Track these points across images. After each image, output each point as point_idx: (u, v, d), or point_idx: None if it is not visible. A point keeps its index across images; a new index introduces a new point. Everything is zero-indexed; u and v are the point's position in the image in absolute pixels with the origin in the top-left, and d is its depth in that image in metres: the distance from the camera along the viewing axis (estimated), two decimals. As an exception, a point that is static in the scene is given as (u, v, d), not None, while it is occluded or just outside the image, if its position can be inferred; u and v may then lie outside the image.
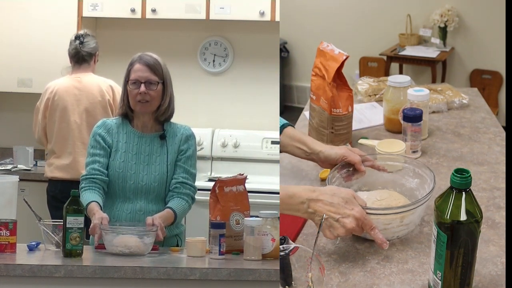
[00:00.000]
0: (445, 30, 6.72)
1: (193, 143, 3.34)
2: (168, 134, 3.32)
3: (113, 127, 3.33)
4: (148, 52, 3.34)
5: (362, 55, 7.15)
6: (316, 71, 3.29)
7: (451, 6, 6.69)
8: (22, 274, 2.73)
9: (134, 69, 3.27)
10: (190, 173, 3.31)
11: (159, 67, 3.27)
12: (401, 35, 6.96)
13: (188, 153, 3.32)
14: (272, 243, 2.95)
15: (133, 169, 3.28)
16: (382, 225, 2.46)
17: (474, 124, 3.63)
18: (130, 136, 3.32)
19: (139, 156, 3.29)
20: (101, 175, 3.27)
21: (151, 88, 3.25)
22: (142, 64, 3.27)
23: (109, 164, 3.30)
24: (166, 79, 3.28)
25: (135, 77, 3.25)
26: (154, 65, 3.27)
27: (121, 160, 3.29)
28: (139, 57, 3.30)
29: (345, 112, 3.24)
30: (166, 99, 3.29)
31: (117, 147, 3.30)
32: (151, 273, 2.75)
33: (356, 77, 6.37)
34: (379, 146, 3.13)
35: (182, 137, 3.32)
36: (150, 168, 3.28)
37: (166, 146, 3.31)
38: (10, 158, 5.56)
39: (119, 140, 3.31)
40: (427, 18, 6.83)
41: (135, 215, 3.25)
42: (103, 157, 3.30)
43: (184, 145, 3.32)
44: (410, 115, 3.23)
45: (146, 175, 3.27)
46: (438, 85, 4.13)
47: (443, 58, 6.70)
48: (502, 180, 2.95)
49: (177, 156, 3.31)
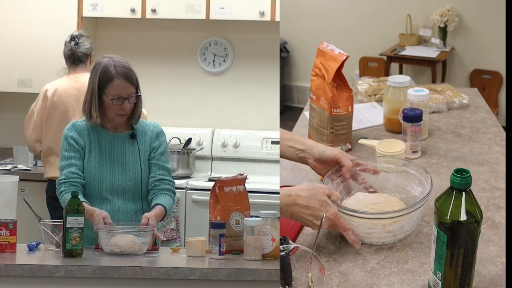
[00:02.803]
0: (445, 30, 6.72)
1: (164, 139, 3.39)
2: (138, 133, 3.34)
3: (83, 129, 3.32)
4: (116, 57, 3.29)
5: (362, 55, 7.14)
6: (316, 71, 3.29)
7: (451, 6, 6.68)
8: (22, 274, 2.73)
9: (115, 85, 3.22)
10: (166, 168, 3.34)
11: (134, 76, 3.27)
12: (401, 35, 6.96)
13: (161, 149, 3.35)
14: (272, 243, 2.95)
15: (108, 170, 3.28)
16: (364, 229, 2.47)
17: (474, 124, 3.63)
18: (102, 136, 3.31)
19: (112, 156, 3.30)
20: (79, 178, 3.27)
21: (131, 101, 3.25)
22: (123, 79, 3.23)
23: (85, 166, 3.29)
24: (139, 87, 3.30)
25: (118, 94, 3.22)
26: (131, 76, 3.25)
27: (96, 161, 3.29)
28: (115, 70, 3.23)
29: (345, 112, 3.25)
30: (139, 105, 3.30)
31: (90, 148, 3.29)
32: (151, 273, 2.75)
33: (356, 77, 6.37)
34: (379, 146, 3.13)
35: (153, 135, 3.35)
36: (124, 167, 3.29)
37: (137, 144, 3.33)
38: (10, 158, 5.57)
39: (91, 141, 3.30)
40: (427, 18, 6.83)
41: (114, 215, 3.23)
42: (78, 159, 3.29)
43: (155, 142, 3.35)
44: (410, 115, 3.23)
45: (121, 175, 3.28)
46: (438, 85, 4.14)
47: (443, 58, 6.70)
48: (502, 180, 2.95)
49: (150, 154, 3.34)
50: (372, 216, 2.47)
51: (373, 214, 2.49)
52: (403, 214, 2.45)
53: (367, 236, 2.48)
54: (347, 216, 2.47)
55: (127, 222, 3.22)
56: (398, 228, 2.47)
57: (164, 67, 5.63)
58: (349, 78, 3.44)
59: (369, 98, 4.04)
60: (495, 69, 6.68)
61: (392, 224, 2.45)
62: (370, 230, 2.47)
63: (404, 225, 2.48)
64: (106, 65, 3.25)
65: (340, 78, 3.25)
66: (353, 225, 2.47)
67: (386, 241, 2.50)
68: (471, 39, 6.80)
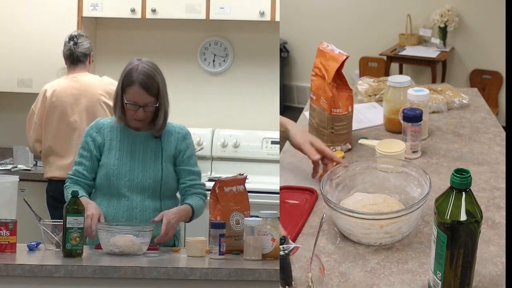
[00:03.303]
0: (445, 30, 6.72)
1: (190, 142, 3.37)
2: (162, 133, 3.33)
3: (105, 126, 3.35)
4: (145, 62, 3.29)
5: (362, 55, 7.14)
6: (316, 71, 3.29)
7: (451, 6, 6.68)
8: (22, 274, 2.73)
9: (132, 90, 3.23)
10: (195, 172, 3.35)
11: (155, 86, 3.23)
12: (401, 35, 6.96)
13: (188, 152, 3.34)
14: (272, 243, 2.95)
15: (127, 166, 3.29)
16: (362, 229, 2.47)
17: (474, 124, 3.63)
18: (124, 134, 3.33)
19: (134, 154, 3.31)
20: (84, 178, 3.32)
21: (147, 109, 3.24)
22: (140, 87, 3.22)
23: (104, 162, 3.31)
24: (161, 97, 3.25)
25: (133, 100, 3.23)
26: (150, 86, 3.22)
27: (116, 158, 3.30)
28: (137, 75, 3.23)
29: (345, 112, 3.25)
30: (161, 115, 3.27)
31: (111, 146, 3.32)
32: (151, 273, 2.75)
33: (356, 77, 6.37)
34: (379, 146, 3.13)
35: (179, 136, 3.34)
36: (144, 165, 3.29)
37: (161, 144, 3.32)
38: (10, 158, 5.57)
39: (113, 138, 3.32)
40: (427, 18, 6.83)
41: (131, 212, 3.25)
42: (89, 160, 3.32)
43: (181, 144, 3.33)
44: (410, 115, 3.23)
45: (141, 172, 3.28)
46: (438, 85, 4.13)
47: (443, 58, 6.70)
48: (502, 180, 2.95)
49: (177, 157, 3.32)
50: (370, 217, 2.46)
51: (371, 215, 2.48)
52: (401, 215, 2.45)
53: (364, 236, 2.48)
54: (344, 216, 2.47)
55: (127, 222, 3.22)
56: (396, 229, 2.47)
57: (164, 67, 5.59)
58: (349, 78, 3.44)
59: (369, 98, 4.04)
60: (495, 69, 6.68)
61: (389, 225, 2.45)
62: (367, 231, 2.46)
63: (401, 226, 2.48)
64: (131, 68, 3.27)
65: (340, 78, 3.25)
66: (350, 225, 2.47)
67: (384, 242, 2.50)
68: (471, 39, 6.80)
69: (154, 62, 3.37)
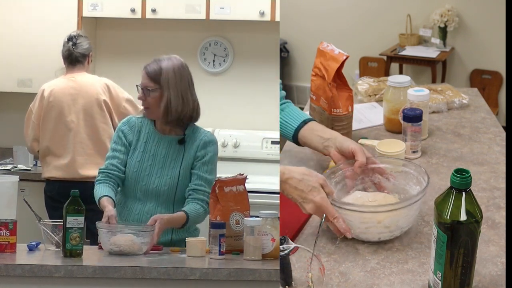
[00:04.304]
0: (445, 30, 6.72)
1: (211, 149, 3.32)
2: (188, 139, 3.32)
3: (136, 125, 3.37)
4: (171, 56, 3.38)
5: (362, 55, 7.15)
6: (316, 71, 3.29)
7: (451, 6, 6.69)
8: (22, 274, 2.73)
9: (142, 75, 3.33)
10: (204, 179, 3.29)
11: (158, 73, 3.27)
12: (401, 35, 6.96)
13: (205, 159, 3.30)
14: (272, 243, 2.95)
15: (147, 170, 3.29)
16: (359, 224, 2.47)
17: (474, 124, 3.63)
18: (151, 136, 3.34)
19: (155, 158, 3.31)
20: (118, 172, 3.32)
21: (149, 94, 3.27)
22: (145, 70, 3.30)
23: (127, 162, 3.32)
24: (164, 84, 3.27)
25: (141, 83, 3.32)
26: (152, 70, 3.28)
27: (137, 160, 3.31)
28: (148, 64, 3.33)
29: (345, 112, 3.24)
30: (163, 102, 3.27)
31: (136, 146, 3.33)
32: (151, 273, 2.75)
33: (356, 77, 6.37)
34: (379, 146, 3.13)
35: (200, 143, 3.32)
36: (163, 171, 3.29)
37: (184, 151, 3.31)
38: (10, 158, 5.56)
39: (139, 139, 3.34)
40: (427, 18, 6.83)
41: (142, 216, 3.26)
42: (123, 153, 3.34)
43: (201, 151, 3.31)
44: (410, 115, 3.23)
45: (158, 178, 3.28)
46: (438, 85, 4.13)
47: (443, 58, 6.70)
48: (502, 180, 2.95)
49: (193, 162, 3.31)
50: (366, 209, 2.46)
51: (368, 207, 2.48)
52: (398, 208, 2.45)
53: (363, 232, 2.48)
54: (342, 210, 2.47)
55: (129, 222, 3.23)
56: (394, 223, 2.47)
57: (164, 67, 5.62)
58: (349, 78, 3.44)
59: (369, 98, 4.04)
60: (495, 69, 6.68)
61: (387, 219, 2.45)
62: (365, 225, 2.46)
63: (400, 220, 2.47)
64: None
65: (340, 78, 3.25)
66: (348, 220, 2.47)
67: (383, 237, 2.49)
68: (471, 39, 6.80)
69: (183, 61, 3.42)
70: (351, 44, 6.63)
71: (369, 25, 7.13)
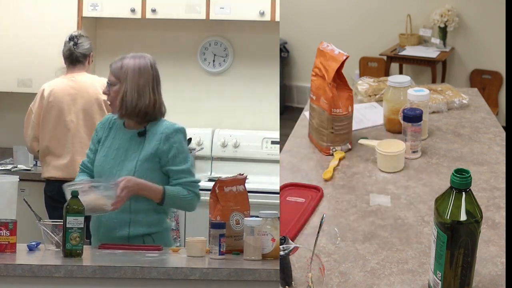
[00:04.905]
0: (445, 30, 6.72)
1: (176, 139, 3.31)
2: (149, 132, 3.33)
3: (109, 122, 3.43)
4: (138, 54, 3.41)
5: (362, 55, 7.14)
6: (316, 71, 3.29)
7: (451, 6, 6.68)
8: (22, 274, 2.73)
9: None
10: (181, 171, 3.29)
11: (119, 68, 3.34)
12: (401, 35, 6.96)
13: (172, 152, 3.29)
14: (272, 243, 2.95)
15: (109, 164, 3.34)
16: None
17: (474, 124, 3.63)
18: (118, 132, 3.39)
19: (118, 152, 3.35)
20: (87, 170, 3.42)
21: (111, 89, 3.35)
22: (110, 67, 3.40)
23: (96, 158, 3.40)
24: (122, 78, 3.32)
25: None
26: (116, 67, 3.35)
27: (103, 155, 3.37)
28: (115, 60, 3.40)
29: (345, 112, 3.24)
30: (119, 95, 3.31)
31: (104, 142, 3.40)
32: (151, 273, 2.75)
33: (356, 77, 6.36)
34: (379, 146, 3.13)
35: (162, 137, 3.30)
36: (123, 164, 3.32)
37: (144, 143, 3.32)
38: (10, 158, 5.57)
39: (109, 135, 3.40)
40: (427, 18, 6.82)
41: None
42: (93, 153, 3.42)
43: (165, 144, 3.29)
44: (410, 115, 3.23)
45: (119, 171, 3.30)
46: (438, 85, 4.13)
47: (443, 58, 6.70)
48: (502, 180, 2.95)
49: (162, 158, 3.29)
50: None
51: None
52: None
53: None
54: None
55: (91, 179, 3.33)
56: None
57: (164, 67, 5.61)
58: (349, 78, 3.43)
59: (369, 98, 4.03)
60: (495, 69, 6.68)
61: None
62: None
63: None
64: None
65: (340, 78, 3.25)
66: None
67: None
68: (471, 39, 6.80)
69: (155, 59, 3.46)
70: (351, 44, 6.62)
71: (369, 25, 7.13)
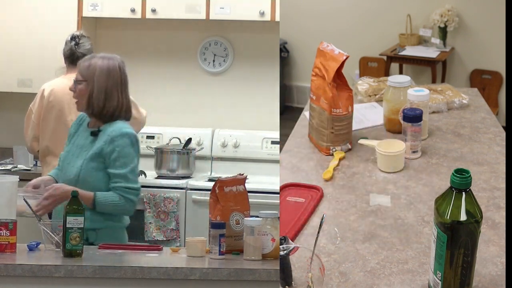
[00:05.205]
0: (445, 30, 6.72)
1: (120, 144, 3.36)
2: (102, 132, 3.40)
3: (79, 119, 3.54)
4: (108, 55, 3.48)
5: (362, 55, 7.14)
6: (316, 71, 3.29)
7: (451, 6, 6.68)
8: (22, 274, 2.73)
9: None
10: (118, 175, 3.34)
11: (87, 67, 3.41)
12: (401, 35, 6.96)
13: (114, 155, 3.35)
14: (272, 243, 2.95)
15: (68, 160, 3.44)
16: None
17: (474, 124, 3.63)
18: (83, 129, 3.48)
19: (77, 149, 3.44)
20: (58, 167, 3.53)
21: (77, 87, 3.42)
22: (78, 65, 3.48)
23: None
24: (90, 78, 3.39)
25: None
26: (84, 66, 3.43)
27: (67, 151, 3.49)
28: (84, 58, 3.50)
29: (345, 112, 3.24)
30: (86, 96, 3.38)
31: (71, 138, 3.51)
32: (151, 273, 2.75)
33: (356, 77, 6.36)
34: (379, 146, 3.13)
35: (108, 139, 3.37)
36: (75, 161, 3.40)
37: (94, 142, 3.40)
38: (10, 158, 5.56)
39: (77, 132, 3.51)
40: (427, 18, 6.82)
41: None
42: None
43: (109, 147, 3.36)
44: (410, 115, 3.23)
45: (72, 167, 3.40)
46: (438, 85, 4.13)
47: (443, 58, 6.69)
48: (502, 180, 2.95)
49: (105, 160, 3.36)
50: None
51: None
52: None
53: None
54: None
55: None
56: None
57: (164, 67, 5.63)
58: (349, 78, 3.44)
59: (369, 98, 4.03)
60: (495, 69, 6.68)
61: None
62: None
63: None
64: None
65: (340, 78, 3.25)
66: None
67: None
68: (471, 39, 6.80)
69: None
70: (351, 44, 6.62)
71: (369, 25, 7.13)
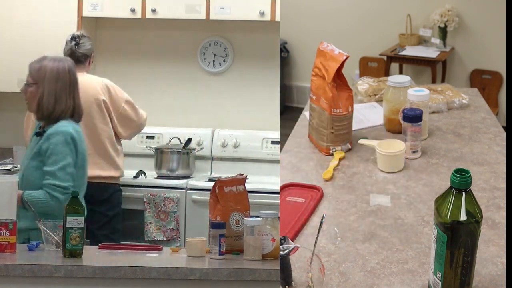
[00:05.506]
0: (445, 30, 6.72)
1: (53, 141, 3.44)
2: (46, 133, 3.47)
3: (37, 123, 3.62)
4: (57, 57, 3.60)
5: (362, 55, 7.14)
6: (316, 71, 3.29)
7: (451, 6, 6.68)
8: (22, 274, 2.73)
9: None
10: (47, 172, 3.41)
11: (37, 70, 3.48)
12: (401, 35, 6.96)
13: (48, 152, 3.43)
14: (272, 243, 2.95)
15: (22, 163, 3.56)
16: None
17: (474, 124, 3.63)
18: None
19: (27, 151, 3.56)
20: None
21: (27, 89, 3.49)
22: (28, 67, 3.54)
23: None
24: (40, 81, 3.47)
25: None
26: (34, 68, 3.50)
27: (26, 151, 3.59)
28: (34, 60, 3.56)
29: (345, 112, 3.24)
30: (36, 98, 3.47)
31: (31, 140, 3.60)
32: (151, 273, 2.75)
33: (356, 77, 6.37)
34: (379, 146, 3.13)
35: (45, 136, 3.47)
36: (23, 162, 3.53)
37: (38, 142, 3.48)
38: (10, 158, 5.56)
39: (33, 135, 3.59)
40: (427, 18, 6.83)
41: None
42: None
43: (44, 144, 3.46)
44: (410, 115, 3.23)
45: (20, 169, 3.53)
46: (438, 85, 4.13)
47: (443, 58, 6.70)
48: (502, 180, 2.95)
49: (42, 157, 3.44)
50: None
51: None
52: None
53: None
54: None
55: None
56: None
57: (164, 67, 5.63)
58: (349, 78, 3.44)
59: (369, 98, 4.04)
60: (495, 69, 6.68)
61: None
62: None
63: None
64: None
65: (340, 78, 3.25)
66: None
67: None
68: (471, 39, 6.80)
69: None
70: (351, 44, 6.63)
71: (369, 25, 7.13)
